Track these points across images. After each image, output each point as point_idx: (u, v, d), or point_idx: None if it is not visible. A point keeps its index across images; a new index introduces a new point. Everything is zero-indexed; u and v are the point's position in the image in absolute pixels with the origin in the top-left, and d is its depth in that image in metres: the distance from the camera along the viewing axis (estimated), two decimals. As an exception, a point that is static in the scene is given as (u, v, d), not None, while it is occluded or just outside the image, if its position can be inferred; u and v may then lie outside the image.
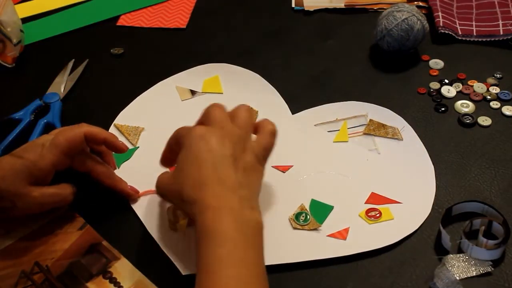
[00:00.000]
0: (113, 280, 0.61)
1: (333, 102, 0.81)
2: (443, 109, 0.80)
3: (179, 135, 0.61)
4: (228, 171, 0.56)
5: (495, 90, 0.83)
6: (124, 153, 0.70)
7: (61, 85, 0.85)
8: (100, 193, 0.70)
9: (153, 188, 0.70)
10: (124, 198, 0.69)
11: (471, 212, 0.67)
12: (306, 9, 1.00)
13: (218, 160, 0.56)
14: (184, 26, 0.98)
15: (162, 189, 0.62)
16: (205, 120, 0.61)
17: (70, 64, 0.89)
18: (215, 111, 0.61)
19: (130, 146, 0.76)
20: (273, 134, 0.62)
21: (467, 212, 0.67)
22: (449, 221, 0.66)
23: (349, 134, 0.76)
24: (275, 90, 0.83)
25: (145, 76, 0.87)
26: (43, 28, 0.98)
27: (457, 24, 0.93)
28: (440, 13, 0.93)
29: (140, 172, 0.72)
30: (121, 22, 0.99)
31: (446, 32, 0.91)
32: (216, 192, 0.55)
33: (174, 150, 0.62)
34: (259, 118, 0.78)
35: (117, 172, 0.72)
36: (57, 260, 0.63)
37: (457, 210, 0.66)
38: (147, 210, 0.68)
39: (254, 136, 0.62)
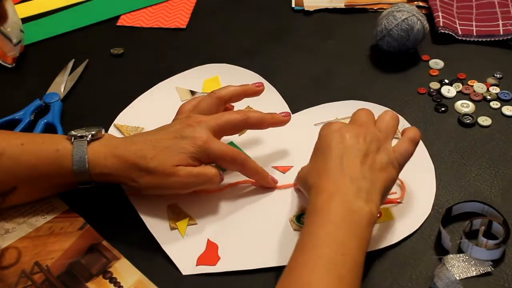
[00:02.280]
0: (113, 280, 0.61)
1: (333, 102, 0.81)
2: (443, 109, 0.80)
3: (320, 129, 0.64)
4: (353, 162, 0.58)
5: (495, 90, 0.83)
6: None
7: (61, 85, 0.85)
8: (100, 193, 0.70)
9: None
10: (125, 198, 0.69)
11: (471, 212, 0.67)
12: (306, 9, 1.00)
13: (346, 152, 0.59)
14: (184, 26, 0.98)
15: (297, 179, 0.67)
16: (351, 121, 0.65)
17: (70, 64, 0.89)
18: (361, 113, 0.65)
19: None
20: (413, 141, 0.63)
21: (467, 212, 0.67)
22: (449, 221, 0.66)
23: (349, 134, 0.76)
24: (275, 90, 0.83)
25: (145, 76, 0.87)
26: (43, 28, 0.98)
27: (457, 24, 0.93)
28: (440, 13, 0.93)
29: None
30: (121, 22, 0.99)
31: (446, 32, 0.91)
32: (335, 178, 0.57)
33: None
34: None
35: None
36: (57, 260, 0.63)
37: (457, 210, 0.66)
38: (147, 209, 0.68)
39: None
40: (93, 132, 0.65)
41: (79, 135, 0.65)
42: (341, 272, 0.52)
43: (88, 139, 0.65)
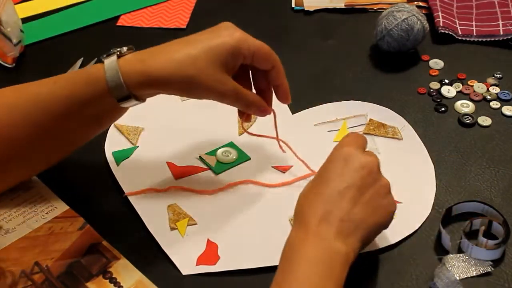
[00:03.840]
0: (113, 280, 0.61)
1: (333, 102, 0.81)
2: (443, 109, 0.80)
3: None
4: (344, 203, 0.55)
5: (495, 90, 0.83)
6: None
7: None
8: (100, 193, 0.70)
9: (153, 186, 0.70)
10: (125, 198, 0.69)
11: (471, 212, 0.66)
12: (306, 9, 1.00)
13: (341, 190, 0.56)
14: (184, 26, 0.98)
15: (300, 194, 0.60)
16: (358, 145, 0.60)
17: (79, 62, 0.89)
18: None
19: (130, 146, 0.76)
20: None
21: (467, 212, 0.67)
22: (449, 221, 0.66)
23: (349, 134, 0.76)
24: (275, 90, 0.83)
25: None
26: (43, 28, 0.98)
27: (457, 24, 0.93)
28: (440, 13, 0.93)
29: (139, 170, 0.72)
30: (121, 22, 0.99)
31: (446, 32, 0.91)
32: (320, 213, 0.55)
33: None
34: (259, 118, 0.78)
35: (117, 170, 0.72)
36: (57, 260, 0.63)
37: (457, 210, 0.66)
38: (147, 209, 0.68)
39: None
40: (124, 49, 0.63)
41: (108, 54, 0.63)
42: None
43: (117, 53, 0.62)
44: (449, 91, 0.83)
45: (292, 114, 0.80)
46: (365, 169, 0.57)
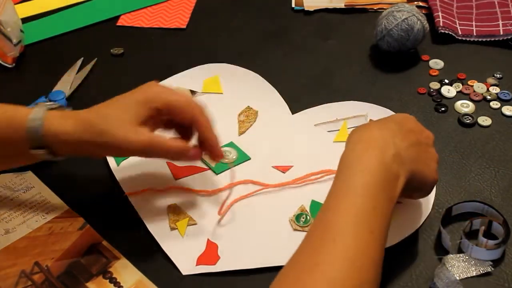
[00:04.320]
0: (113, 280, 0.61)
1: (333, 102, 0.81)
2: (443, 109, 0.80)
3: None
4: (400, 142, 0.57)
5: (495, 90, 0.83)
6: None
7: (67, 84, 0.85)
8: (100, 193, 0.70)
9: (153, 186, 0.70)
10: (125, 198, 0.69)
11: (471, 212, 0.67)
12: (306, 9, 1.00)
13: (406, 130, 0.59)
14: (184, 26, 0.98)
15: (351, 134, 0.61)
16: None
17: (79, 63, 0.89)
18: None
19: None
20: None
21: (467, 212, 0.67)
22: (449, 221, 0.66)
23: (349, 134, 0.76)
24: (275, 90, 0.83)
25: (145, 76, 0.87)
26: (43, 28, 0.98)
27: (457, 24, 0.93)
28: (440, 13, 0.93)
29: (139, 170, 0.72)
30: (121, 22, 0.99)
31: (446, 32, 0.91)
32: (381, 134, 0.57)
33: None
34: (259, 118, 0.79)
35: (117, 170, 0.72)
36: (57, 260, 0.63)
37: (457, 210, 0.66)
38: (147, 209, 0.68)
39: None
40: (55, 106, 0.64)
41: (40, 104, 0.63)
42: (371, 225, 0.51)
43: (48, 107, 0.63)
44: (449, 91, 0.83)
45: (292, 114, 0.80)
46: (417, 129, 0.61)
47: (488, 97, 0.82)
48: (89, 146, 0.62)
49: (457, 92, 0.83)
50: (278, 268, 0.55)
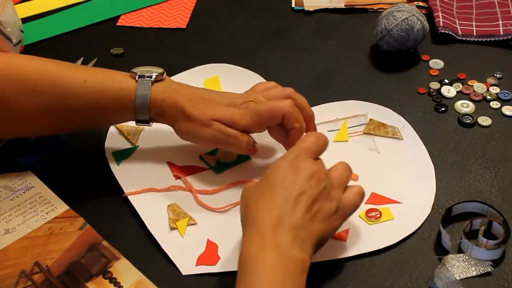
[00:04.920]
0: (113, 280, 0.61)
1: (333, 102, 0.81)
2: (443, 109, 0.80)
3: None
4: (297, 210, 0.55)
5: (495, 90, 0.83)
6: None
7: None
8: (100, 193, 0.70)
9: (153, 186, 0.70)
10: (125, 198, 0.69)
11: (471, 212, 0.67)
12: (306, 9, 1.00)
13: (295, 196, 0.56)
14: (184, 26, 0.98)
15: (241, 196, 0.60)
16: (304, 149, 0.61)
17: (79, 62, 0.89)
18: (315, 140, 0.62)
19: (130, 146, 0.76)
20: (361, 195, 0.61)
21: (467, 212, 0.67)
22: (449, 221, 0.66)
23: (349, 134, 0.76)
24: (275, 90, 0.83)
25: (145, 76, 0.87)
26: (43, 28, 0.98)
27: (457, 24, 0.93)
28: (440, 13, 0.93)
29: (139, 170, 0.72)
30: (121, 22, 0.99)
31: (446, 32, 0.91)
32: (274, 222, 0.54)
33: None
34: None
35: (117, 170, 0.72)
36: (57, 260, 0.63)
37: (457, 210, 0.66)
38: (147, 209, 0.68)
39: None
40: (156, 73, 0.68)
41: (143, 74, 0.68)
42: None
43: (152, 79, 0.68)
44: (449, 91, 0.83)
45: (292, 114, 0.80)
46: (315, 178, 0.57)
47: (488, 97, 0.82)
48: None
49: (457, 92, 0.83)
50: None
